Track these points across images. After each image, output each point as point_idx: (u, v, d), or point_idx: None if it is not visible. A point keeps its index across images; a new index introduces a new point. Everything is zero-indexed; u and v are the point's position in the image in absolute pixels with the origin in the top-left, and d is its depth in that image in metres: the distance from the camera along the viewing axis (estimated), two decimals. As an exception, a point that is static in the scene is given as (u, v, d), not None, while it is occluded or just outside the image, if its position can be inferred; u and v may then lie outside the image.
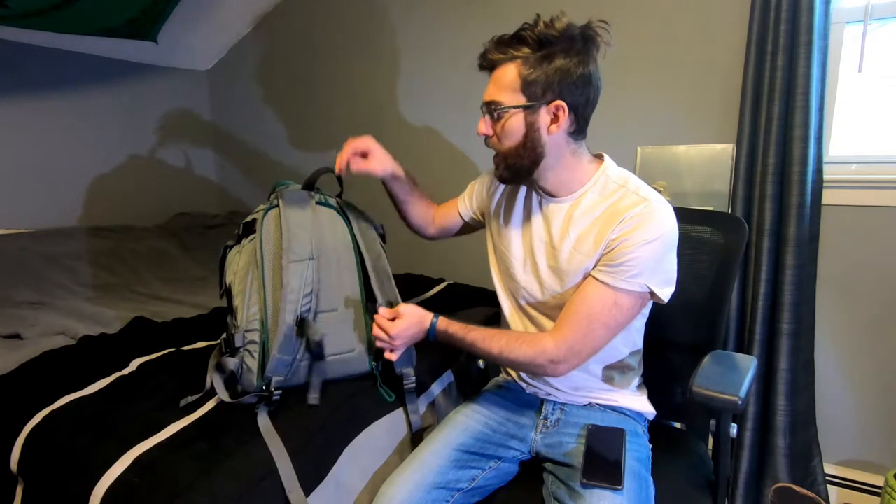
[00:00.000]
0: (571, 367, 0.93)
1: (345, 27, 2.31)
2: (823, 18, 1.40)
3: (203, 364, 1.18)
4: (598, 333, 0.91)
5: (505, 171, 0.98)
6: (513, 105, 0.91)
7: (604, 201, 0.95)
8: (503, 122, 0.93)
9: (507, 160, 0.96)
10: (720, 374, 0.93)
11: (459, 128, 2.11)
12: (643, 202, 0.90)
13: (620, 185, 0.95)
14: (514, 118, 0.92)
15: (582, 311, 0.91)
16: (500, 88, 0.92)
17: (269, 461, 0.89)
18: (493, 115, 0.94)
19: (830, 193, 1.49)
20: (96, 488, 0.82)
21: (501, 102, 0.92)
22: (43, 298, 1.54)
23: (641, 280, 0.89)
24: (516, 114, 0.92)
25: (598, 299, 0.90)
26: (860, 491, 1.56)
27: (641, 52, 1.71)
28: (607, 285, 0.90)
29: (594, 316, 0.91)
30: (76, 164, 2.18)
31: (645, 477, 0.93)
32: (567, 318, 0.93)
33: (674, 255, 0.92)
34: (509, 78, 0.91)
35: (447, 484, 0.94)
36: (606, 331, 0.92)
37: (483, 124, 0.96)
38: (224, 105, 2.72)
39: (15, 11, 1.71)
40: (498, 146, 0.97)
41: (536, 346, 0.93)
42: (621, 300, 0.90)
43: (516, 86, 0.90)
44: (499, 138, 0.95)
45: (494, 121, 0.95)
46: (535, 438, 1.03)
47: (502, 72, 0.91)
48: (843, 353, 1.57)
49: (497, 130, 0.95)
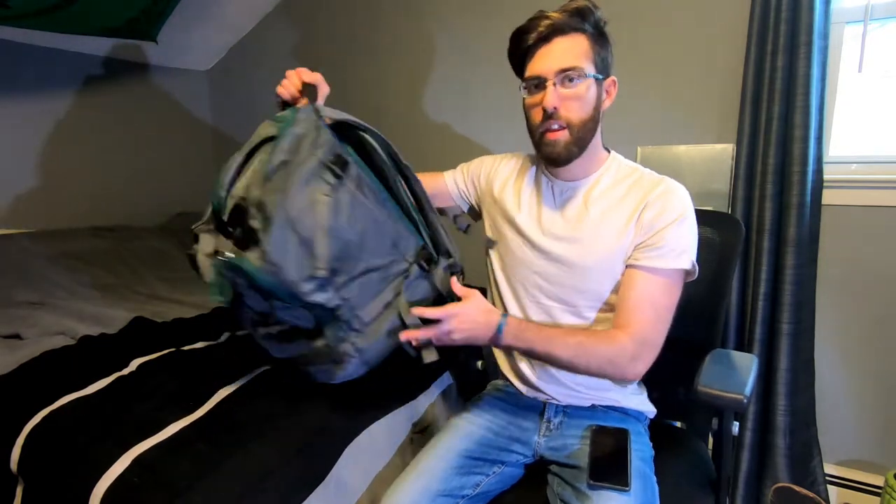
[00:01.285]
0: (647, 365, 0.90)
1: (344, 27, 2.31)
2: (823, 18, 1.40)
3: (203, 364, 1.18)
4: (665, 319, 0.92)
5: (573, 146, 0.94)
6: (593, 73, 0.92)
7: (620, 183, 0.98)
8: (581, 90, 0.91)
9: (578, 132, 0.93)
10: (723, 373, 0.93)
11: (460, 127, 2.11)
12: (661, 181, 0.96)
13: (633, 168, 1.01)
14: (591, 87, 0.92)
15: (644, 301, 0.91)
16: (579, 55, 0.91)
17: (269, 461, 0.89)
18: (571, 83, 0.91)
19: (830, 193, 1.49)
20: (96, 488, 0.83)
21: (584, 69, 0.91)
22: (43, 298, 1.54)
23: (686, 256, 0.92)
24: (592, 83, 0.92)
25: (655, 285, 0.91)
26: (860, 491, 1.56)
27: (641, 52, 1.71)
28: (659, 269, 0.91)
29: (657, 301, 0.91)
30: (76, 164, 2.18)
31: (649, 477, 0.93)
32: (629, 311, 0.91)
33: (696, 229, 0.95)
34: (584, 47, 0.91)
35: (452, 491, 0.94)
36: (669, 313, 0.92)
37: (554, 96, 0.91)
38: (224, 105, 2.72)
39: (15, 11, 1.71)
40: (568, 117, 0.92)
41: (614, 343, 0.88)
42: (674, 278, 0.92)
43: (590, 56, 0.92)
44: (571, 109, 0.92)
45: (569, 89, 0.91)
46: (539, 442, 1.03)
47: (574, 41, 0.91)
48: (843, 353, 1.57)
49: (572, 100, 0.92)
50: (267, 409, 1.01)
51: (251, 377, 1.11)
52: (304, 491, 0.90)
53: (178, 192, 2.60)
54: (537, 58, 0.93)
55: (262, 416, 0.99)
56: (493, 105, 2.01)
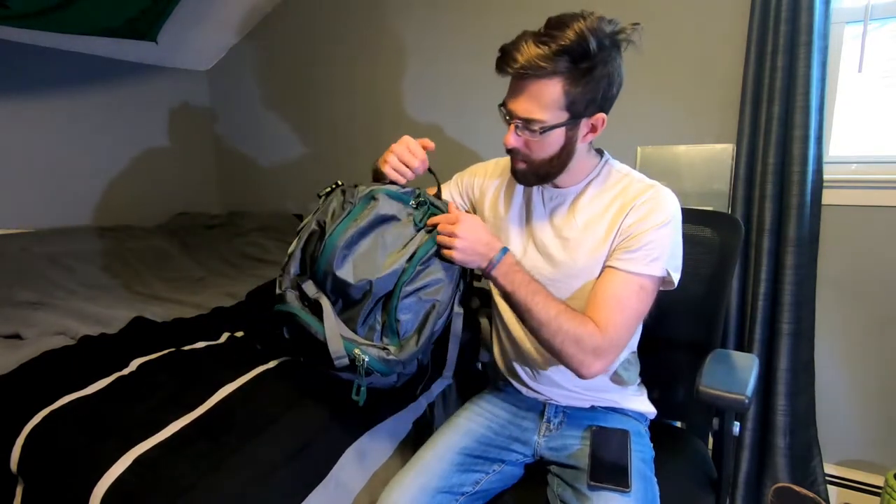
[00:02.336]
0: (605, 367, 0.89)
1: (344, 27, 2.31)
2: (823, 18, 1.40)
3: (203, 364, 1.18)
4: (631, 323, 0.90)
5: (532, 177, 0.95)
6: (557, 123, 0.87)
7: (609, 189, 0.96)
8: (541, 139, 0.89)
9: (539, 169, 0.94)
10: (725, 374, 0.94)
11: (459, 127, 2.11)
12: (650, 188, 0.93)
13: (624, 174, 0.98)
14: (555, 134, 0.89)
15: (612, 300, 0.89)
16: (542, 106, 0.86)
17: (270, 460, 0.89)
18: (531, 132, 0.88)
19: (830, 193, 1.49)
20: (96, 488, 0.82)
21: (545, 121, 0.87)
22: (43, 298, 1.54)
23: (660, 264, 0.90)
24: (558, 131, 0.88)
25: (625, 287, 0.89)
26: (860, 491, 1.56)
27: (641, 53, 1.71)
28: (630, 272, 0.89)
29: (625, 304, 0.89)
30: (76, 164, 2.18)
31: (650, 478, 0.93)
32: (600, 307, 0.89)
33: (681, 239, 0.94)
34: (553, 95, 0.85)
35: (451, 488, 0.94)
36: (637, 318, 0.91)
37: (513, 138, 0.91)
38: (224, 105, 2.72)
39: (15, 11, 1.71)
40: (528, 157, 0.93)
41: (587, 327, 0.87)
42: (646, 284, 0.90)
43: (560, 103, 0.85)
44: (531, 151, 0.91)
45: (530, 136, 0.89)
46: (539, 442, 1.03)
47: (544, 88, 0.84)
48: (843, 353, 1.57)
49: (531, 145, 0.91)
50: (268, 408, 1.01)
51: (251, 377, 1.11)
52: (305, 490, 0.91)
53: (178, 192, 2.60)
54: (511, 90, 0.90)
55: (262, 415, 0.99)
56: (492, 105, 2.00)
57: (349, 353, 0.89)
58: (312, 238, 0.98)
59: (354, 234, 0.92)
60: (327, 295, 0.94)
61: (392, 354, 0.92)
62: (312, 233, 0.98)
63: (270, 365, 1.16)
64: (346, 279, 0.91)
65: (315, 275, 0.95)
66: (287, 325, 0.98)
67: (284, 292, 0.97)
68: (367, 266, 0.92)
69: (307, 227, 0.99)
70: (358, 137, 2.37)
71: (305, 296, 0.95)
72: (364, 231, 0.93)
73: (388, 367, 0.92)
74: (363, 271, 0.91)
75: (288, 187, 2.61)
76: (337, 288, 0.93)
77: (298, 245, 0.99)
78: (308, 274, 0.98)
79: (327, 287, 0.94)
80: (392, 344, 0.94)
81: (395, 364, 0.93)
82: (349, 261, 0.92)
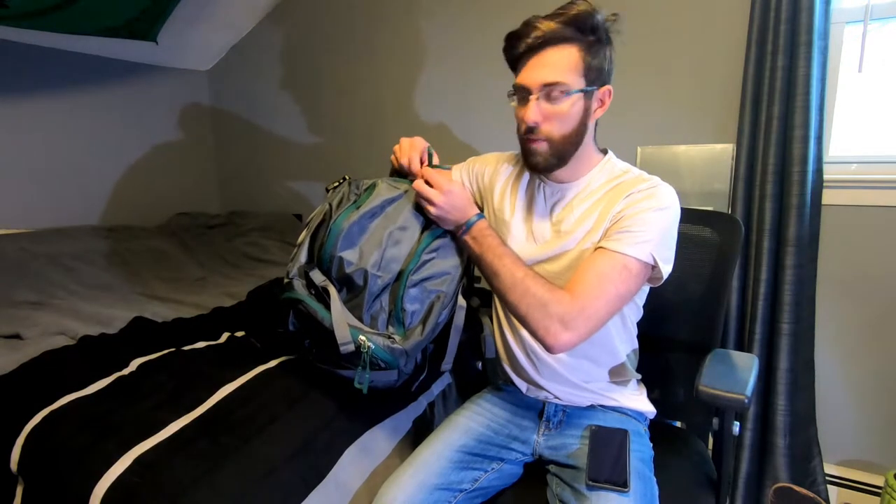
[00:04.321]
0: (574, 340, 0.86)
1: (345, 27, 2.31)
2: (823, 18, 1.40)
3: (203, 364, 1.18)
4: (609, 297, 0.87)
5: (552, 158, 0.94)
6: (579, 88, 0.89)
7: (608, 184, 0.97)
8: (564, 107, 0.89)
9: (558, 147, 0.93)
10: (724, 373, 0.94)
11: (461, 125, 2.11)
12: (649, 180, 0.94)
13: (624, 171, 0.98)
14: (577, 103, 0.90)
15: (591, 274, 0.88)
16: (564, 70, 0.88)
17: (270, 459, 0.89)
18: (553, 99, 0.89)
19: (830, 193, 1.49)
20: (96, 488, 0.82)
21: (568, 85, 0.88)
22: (43, 298, 1.54)
23: (648, 248, 0.88)
24: (578, 98, 0.90)
25: (607, 262, 0.88)
26: (860, 491, 1.56)
27: (641, 52, 1.71)
28: (616, 251, 0.88)
29: (604, 277, 0.87)
30: (76, 164, 2.18)
31: (649, 477, 0.93)
32: (577, 280, 0.88)
33: (675, 234, 0.93)
34: (573, 59, 0.88)
35: (449, 485, 0.94)
36: (616, 296, 0.88)
37: (535, 111, 0.90)
38: (224, 106, 2.72)
39: (15, 11, 1.70)
40: (549, 132, 0.92)
41: (555, 293, 0.86)
42: (630, 264, 0.88)
43: (580, 68, 0.88)
44: (552, 124, 0.91)
45: (552, 105, 0.89)
46: (538, 441, 1.03)
47: (563, 53, 0.88)
48: (843, 353, 1.57)
49: (553, 116, 0.90)
50: (268, 408, 1.01)
51: (251, 377, 1.11)
52: (305, 490, 0.91)
53: (178, 192, 2.60)
54: (526, 68, 0.91)
55: (263, 415, 0.99)
56: (491, 104, 2.01)
57: (354, 340, 0.90)
58: (321, 228, 1.01)
59: (358, 220, 0.95)
60: (333, 283, 0.95)
61: (397, 343, 0.93)
62: (321, 223, 1.01)
63: (270, 365, 1.16)
64: (351, 260, 0.93)
65: (322, 263, 0.97)
66: (294, 313, 0.99)
67: (292, 280, 0.99)
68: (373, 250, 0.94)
69: (316, 217, 1.02)
70: (359, 137, 2.37)
71: (312, 283, 0.96)
72: (368, 216, 0.96)
73: (392, 355, 0.93)
74: (368, 256, 0.94)
75: (288, 187, 2.61)
76: (342, 276, 0.94)
77: (307, 234, 1.02)
78: (315, 263, 0.99)
79: (333, 274, 0.95)
80: (398, 333, 0.95)
81: (400, 353, 0.94)
82: (355, 247, 0.95)
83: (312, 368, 1.14)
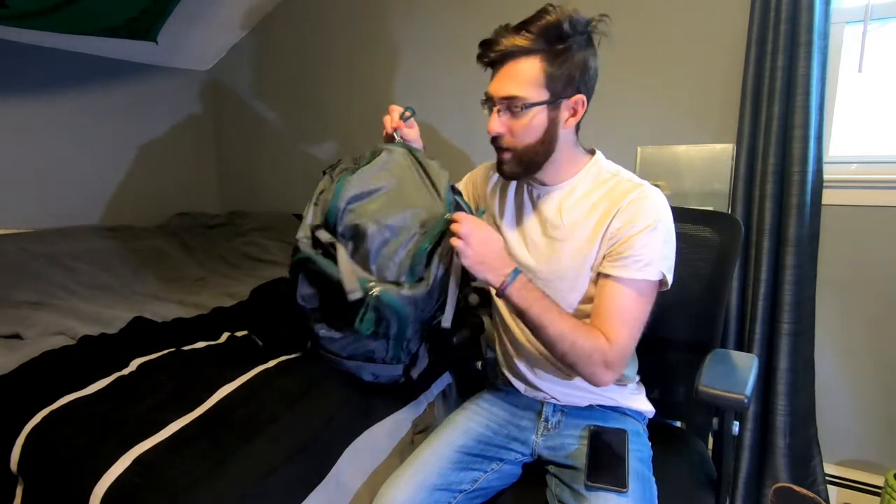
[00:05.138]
0: (615, 377, 0.90)
1: (344, 27, 2.31)
2: (823, 18, 1.40)
3: (203, 364, 1.18)
4: (636, 329, 0.90)
5: (517, 167, 0.95)
6: (538, 101, 0.89)
7: (597, 189, 0.96)
8: (525, 119, 0.90)
9: (522, 157, 0.94)
10: (724, 373, 0.93)
11: (458, 126, 2.11)
12: (637, 188, 0.93)
13: (613, 174, 0.97)
14: (538, 114, 0.90)
15: (615, 312, 0.89)
16: (522, 83, 0.88)
17: (270, 459, 0.89)
18: (514, 112, 0.90)
19: (830, 193, 1.49)
20: (96, 488, 0.82)
21: (526, 98, 0.88)
22: (43, 298, 1.54)
23: (654, 268, 0.89)
24: (540, 110, 0.89)
25: (625, 295, 0.89)
26: (860, 491, 1.56)
27: (641, 52, 1.71)
28: (626, 280, 0.89)
29: (627, 313, 0.89)
30: (76, 164, 2.18)
31: (648, 477, 0.93)
32: (604, 319, 0.89)
33: (673, 239, 0.93)
34: (532, 73, 0.87)
35: (449, 485, 0.94)
36: (640, 325, 0.91)
37: (496, 122, 0.92)
38: (224, 105, 2.72)
39: (15, 11, 1.70)
40: (513, 143, 0.93)
41: (598, 340, 0.87)
42: (643, 288, 0.90)
43: (540, 81, 0.88)
44: (515, 135, 0.92)
45: (513, 117, 0.91)
46: (537, 441, 1.03)
47: (523, 66, 0.88)
48: (843, 353, 1.57)
49: (515, 128, 0.91)
50: (268, 407, 1.01)
51: (251, 376, 1.11)
52: (305, 490, 0.91)
53: (178, 192, 2.60)
54: (493, 79, 0.93)
55: (263, 414, 0.99)
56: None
57: (363, 286, 0.91)
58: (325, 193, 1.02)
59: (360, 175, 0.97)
60: (340, 239, 0.97)
61: (406, 290, 0.93)
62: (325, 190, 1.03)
63: (270, 365, 1.16)
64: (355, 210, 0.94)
65: (328, 221, 0.99)
66: (306, 274, 1.00)
67: (298, 241, 1.00)
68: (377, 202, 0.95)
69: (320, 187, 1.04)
70: (358, 137, 2.37)
71: (319, 242, 0.98)
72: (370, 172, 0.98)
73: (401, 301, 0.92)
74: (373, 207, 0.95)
75: (288, 187, 2.61)
76: (347, 228, 0.96)
77: (313, 199, 1.04)
78: (322, 224, 1.01)
79: (339, 229, 0.97)
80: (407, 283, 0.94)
81: (409, 300, 0.92)
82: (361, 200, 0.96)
83: (312, 368, 1.14)
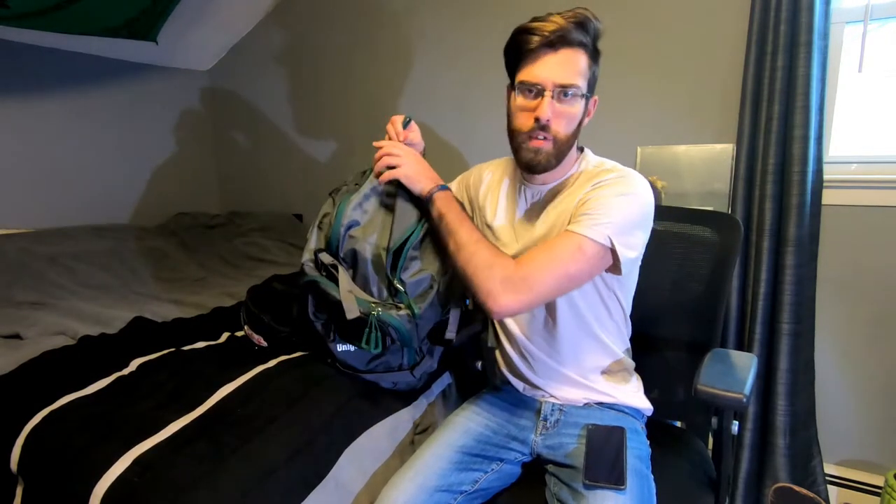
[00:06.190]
0: (516, 304, 0.87)
1: (344, 27, 2.31)
2: (823, 18, 1.40)
3: (203, 364, 1.18)
4: (556, 273, 0.87)
5: (553, 158, 0.95)
6: (585, 93, 0.93)
7: (586, 184, 0.96)
8: (575, 108, 0.92)
9: (561, 146, 0.94)
10: (723, 373, 0.93)
11: (458, 126, 2.11)
12: (620, 170, 0.95)
13: (598, 164, 1.00)
14: (580, 105, 0.93)
15: (544, 249, 0.90)
16: (577, 72, 0.91)
17: (270, 460, 0.89)
18: (564, 100, 0.91)
19: (830, 193, 1.49)
20: (96, 488, 0.83)
21: (580, 87, 0.91)
22: (43, 298, 1.54)
23: (606, 231, 0.87)
24: (581, 102, 0.93)
25: (562, 241, 0.89)
26: (860, 491, 1.56)
27: (641, 53, 1.71)
28: (573, 232, 0.89)
29: (556, 254, 0.88)
30: (76, 164, 2.18)
31: (646, 475, 0.93)
32: (529, 253, 0.91)
33: (645, 226, 0.93)
34: (582, 65, 0.91)
35: (450, 486, 0.94)
36: (565, 275, 0.88)
37: (548, 108, 0.91)
38: (224, 105, 2.72)
39: (15, 11, 1.70)
40: (557, 131, 0.93)
41: (502, 258, 0.90)
42: (585, 245, 0.87)
43: (585, 74, 0.92)
44: (560, 123, 0.93)
45: (561, 105, 0.91)
46: (536, 440, 1.03)
47: (576, 56, 0.90)
48: (843, 352, 1.57)
49: (564, 115, 0.92)
50: (268, 408, 1.01)
51: (251, 376, 1.11)
52: (305, 490, 0.91)
53: (178, 192, 2.60)
54: (540, 63, 0.91)
55: (262, 415, 0.99)
56: (492, 105, 2.00)
57: (361, 307, 0.98)
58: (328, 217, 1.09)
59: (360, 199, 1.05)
60: (342, 262, 1.04)
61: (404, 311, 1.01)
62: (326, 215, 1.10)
63: (270, 365, 1.16)
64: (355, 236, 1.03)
65: (330, 246, 1.06)
66: (314, 295, 1.07)
67: (303, 265, 1.08)
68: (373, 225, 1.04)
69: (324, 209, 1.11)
70: (358, 137, 2.37)
71: (323, 265, 1.05)
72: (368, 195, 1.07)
73: (401, 320, 1.00)
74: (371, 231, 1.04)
75: (288, 187, 2.61)
76: (348, 252, 1.03)
77: (316, 222, 1.10)
78: (325, 247, 1.08)
79: (341, 253, 1.04)
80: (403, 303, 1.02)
81: (408, 320, 1.00)
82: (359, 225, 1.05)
83: (312, 368, 1.14)
